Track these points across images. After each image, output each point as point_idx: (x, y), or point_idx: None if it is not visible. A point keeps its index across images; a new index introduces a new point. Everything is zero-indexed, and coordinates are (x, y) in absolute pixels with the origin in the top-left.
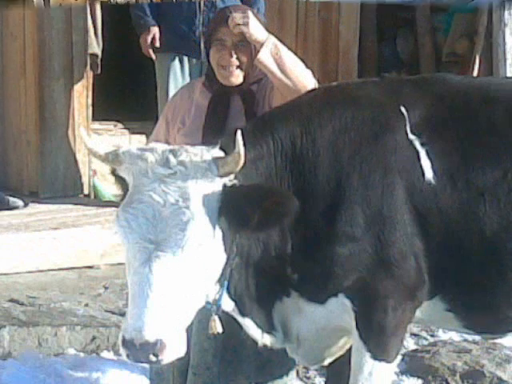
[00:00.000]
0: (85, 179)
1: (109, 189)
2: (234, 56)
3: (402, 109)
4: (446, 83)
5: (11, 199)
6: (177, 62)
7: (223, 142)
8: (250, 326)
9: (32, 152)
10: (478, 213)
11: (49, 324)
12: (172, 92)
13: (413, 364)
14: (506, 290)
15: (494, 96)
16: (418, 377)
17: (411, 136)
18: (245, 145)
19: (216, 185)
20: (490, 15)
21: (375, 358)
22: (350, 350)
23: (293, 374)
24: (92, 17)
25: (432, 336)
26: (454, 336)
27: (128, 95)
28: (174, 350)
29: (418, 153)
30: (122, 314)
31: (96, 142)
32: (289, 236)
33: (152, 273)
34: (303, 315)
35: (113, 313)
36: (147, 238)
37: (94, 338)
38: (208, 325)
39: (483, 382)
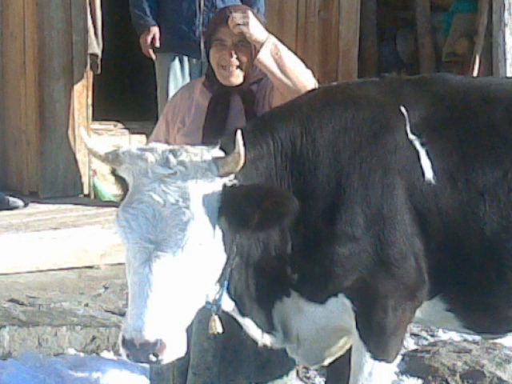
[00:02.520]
0: (85, 179)
1: (109, 189)
2: (234, 56)
3: (402, 109)
4: (445, 83)
5: (11, 199)
6: (177, 62)
7: (223, 141)
8: (250, 326)
9: (32, 152)
10: (478, 213)
11: (49, 324)
12: (172, 92)
13: (413, 364)
14: (505, 289)
15: (494, 96)
16: (418, 377)
17: (411, 136)
18: (245, 145)
19: (216, 185)
20: (490, 15)
21: (375, 358)
22: (350, 349)
23: (293, 373)
24: (92, 17)
25: (432, 336)
26: (454, 336)
27: (128, 95)
28: (174, 350)
29: (418, 153)
30: (122, 314)
31: (96, 142)
32: (289, 236)
33: (152, 273)
34: (303, 315)
35: (113, 313)
36: (147, 237)
37: (93, 338)
38: (208, 325)
39: (483, 382)
